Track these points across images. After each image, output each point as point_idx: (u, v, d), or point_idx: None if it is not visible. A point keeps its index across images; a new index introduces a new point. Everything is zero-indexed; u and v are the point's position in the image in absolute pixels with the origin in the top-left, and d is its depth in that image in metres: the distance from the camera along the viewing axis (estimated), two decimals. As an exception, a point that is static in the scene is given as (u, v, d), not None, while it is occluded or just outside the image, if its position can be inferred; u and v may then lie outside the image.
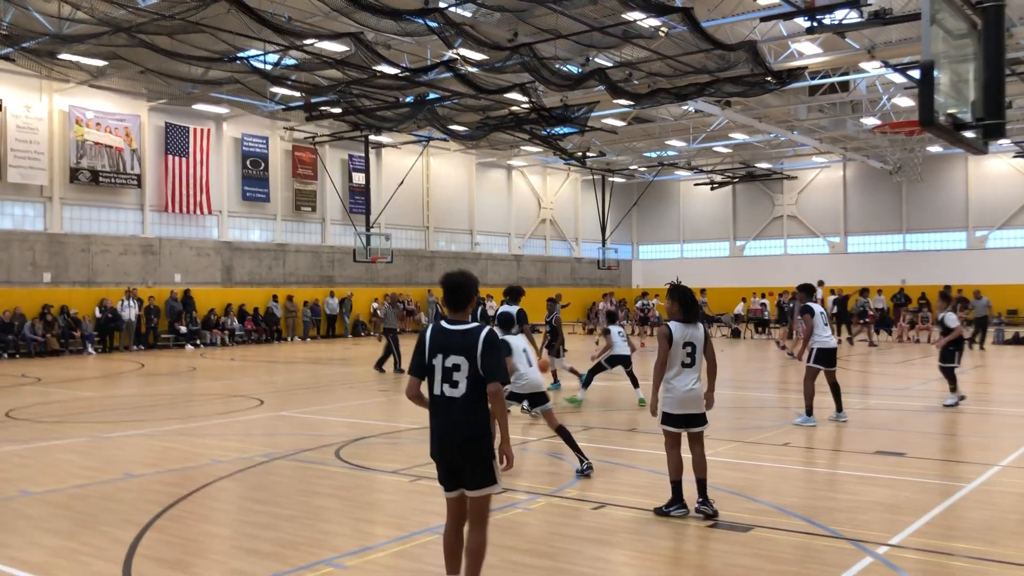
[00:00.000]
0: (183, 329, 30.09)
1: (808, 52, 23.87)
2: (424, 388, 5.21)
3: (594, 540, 6.71)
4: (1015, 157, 38.78)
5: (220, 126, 32.91)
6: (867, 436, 11.35)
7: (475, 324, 5.10)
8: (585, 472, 8.77)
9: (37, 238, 27.97)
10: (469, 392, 4.99)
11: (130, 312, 28.64)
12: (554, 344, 16.47)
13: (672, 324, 7.37)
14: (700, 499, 7.33)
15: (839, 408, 12.47)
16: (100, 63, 23.30)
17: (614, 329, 14.43)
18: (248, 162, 33.78)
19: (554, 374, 16.54)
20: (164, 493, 8.28)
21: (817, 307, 12.46)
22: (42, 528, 7.08)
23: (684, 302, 7.44)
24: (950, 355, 13.91)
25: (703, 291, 35.34)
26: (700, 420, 7.41)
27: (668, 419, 7.40)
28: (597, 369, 14.30)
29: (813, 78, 27.04)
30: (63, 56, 22.40)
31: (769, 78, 23.05)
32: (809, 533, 6.85)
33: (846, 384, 14.65)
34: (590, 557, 6.33)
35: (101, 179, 29.33)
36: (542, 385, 9.53)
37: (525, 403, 9.69)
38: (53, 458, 10.19)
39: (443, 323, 5.13)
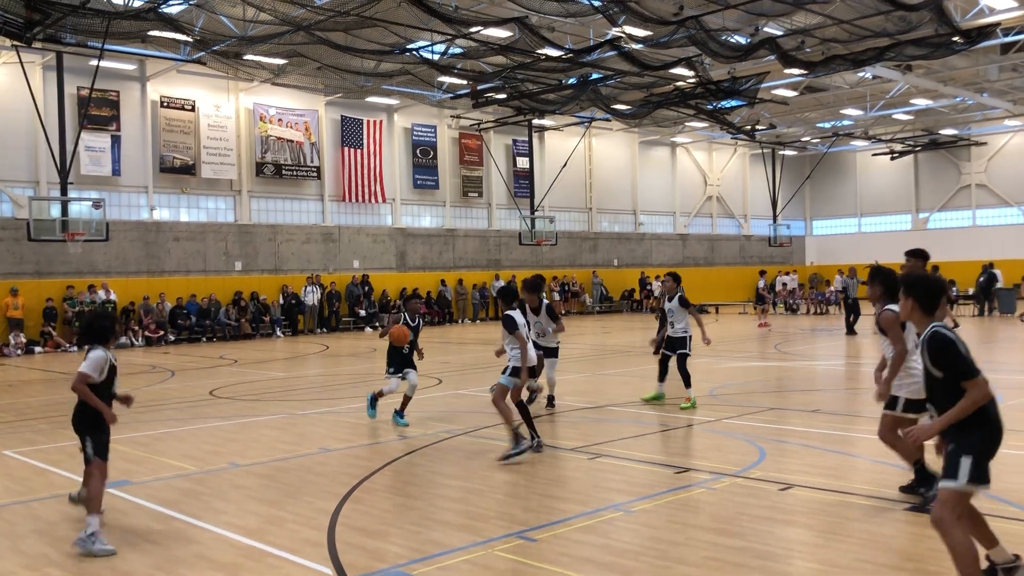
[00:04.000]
0: (362, 312, 31.50)
1: (1001, 7, 22.11)
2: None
3: (783, 521, 6.57)
4: None
5: (391, 117, 34.13)
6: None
7: None
8: (537, 448, 9.06)
9: (229, 229, 30.00)
10: None
11: (313, 297, 30.25)
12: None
13: (894, 308, 6.85)
14: (919, 484, 6.96)
15: None
16: (281, 61, 24.66)
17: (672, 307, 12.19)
18: (418, 151, 34.87)
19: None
20: (358, 467, 8.74)
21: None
22: (253, 497, 7.64)
23: (888, 285, 7.02)
24: None
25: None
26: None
27: (910, 405, 6.92)
28: (664, 358, 12.27)
29: (1006, 35, 25.07)
30: (248, 57, 23.85)
31: (956, 38, 21.59)
32: None
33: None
34: (780, 538, 6.20)
35: (284, 172, 31.10)
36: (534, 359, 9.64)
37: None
38: (255, 433, 10.95)
39: None
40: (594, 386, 14.82)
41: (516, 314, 9.41)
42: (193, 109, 29.08)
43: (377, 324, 31.63)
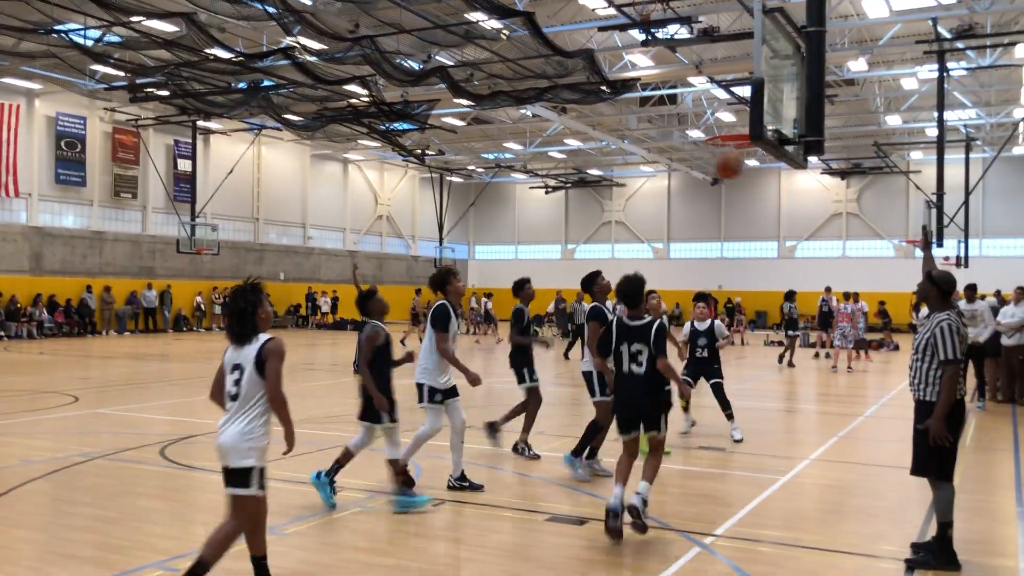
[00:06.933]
0: (-17, 320, 27.78)
1: (641, 64, 24.82)
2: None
3: (436, 537, 6.73)
4: (823, 173, 41.84)
5: (32, 103, 30.62)
6: (692, 432, 11.92)
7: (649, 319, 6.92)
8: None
9: None
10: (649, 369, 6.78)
11: (-79, 300, 26.18)
12: None
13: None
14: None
15: None
16: None
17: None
18: (63, 143, 31.60)
19: None
20: (-34, 497, 7.61)
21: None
22: None
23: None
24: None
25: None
26: None
27: None
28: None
29: (644, 89, 28.15)
30: None
31: (604, 87, 23.81)
32: (641, 525, 7.11)
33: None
34: (431, 554, 6.34)
35: None
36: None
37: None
38: None
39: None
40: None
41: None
42: None
43: (2, 334, 28.05)
